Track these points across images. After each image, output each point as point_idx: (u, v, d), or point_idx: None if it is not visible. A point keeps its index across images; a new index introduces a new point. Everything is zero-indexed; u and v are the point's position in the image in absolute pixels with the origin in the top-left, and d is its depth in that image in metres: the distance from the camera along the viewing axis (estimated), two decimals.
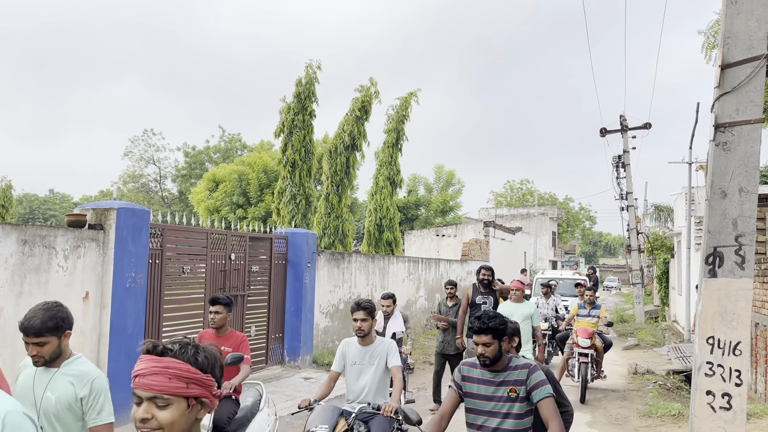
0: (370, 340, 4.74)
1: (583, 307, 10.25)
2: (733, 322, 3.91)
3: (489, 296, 8.25)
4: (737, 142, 3.91)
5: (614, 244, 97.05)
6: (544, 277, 19.83)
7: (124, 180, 54.02)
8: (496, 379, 3.60)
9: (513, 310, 7.67)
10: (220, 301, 5.24)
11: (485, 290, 8.29)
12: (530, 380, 3.51)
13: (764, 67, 3.91)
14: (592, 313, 10.10)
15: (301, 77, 16.72)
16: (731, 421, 3.91)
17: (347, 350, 4.78)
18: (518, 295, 7.87)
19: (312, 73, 16.72)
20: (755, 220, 3.94)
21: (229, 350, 5.09)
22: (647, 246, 27.42)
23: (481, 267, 8.35)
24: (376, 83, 17.89)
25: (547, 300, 12.38)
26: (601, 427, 8.10)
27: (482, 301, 8.15)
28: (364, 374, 4.67)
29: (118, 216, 7.03)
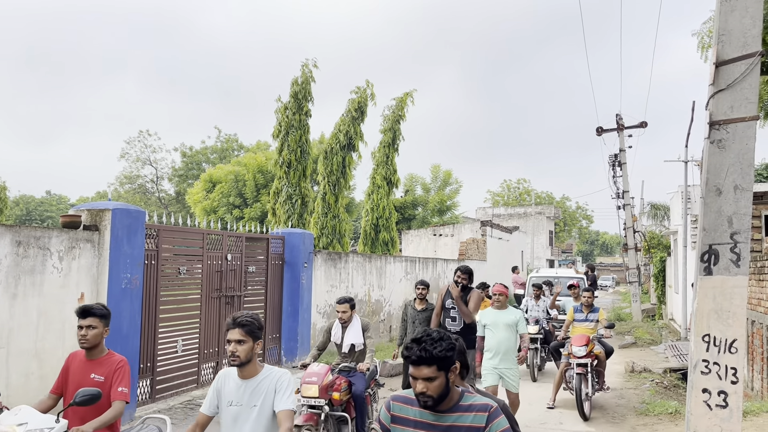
0: (252, 370, 3.34)
1: (580, 311, 9.32)
2: (729, 319, 3.91)
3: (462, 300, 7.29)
4: (732, 139, 3.91)
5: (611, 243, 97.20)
6: (539, 276, 17.88)
7: (120, 181, 53.97)
8: (441, 422, 2.66)
9: (495, 319, 6.96)
10: (93, 312, 3.88)
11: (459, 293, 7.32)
12: (490, 429, 2.63)
13: (758, 64, 3.91)
14: (590, 317, 9.16)
15: (297, 77, 16.68)
16: (727, 418, 3.90)
17: (223, 385, 3.42)
18: (502, 301, 7.03)
19: (308, 73, 16.69)
20: (750, 217, 3.94)
21: (101, 379, 3.83)
22: (644, 244, 27.45)
23: (457, 268, 7.38)
24: (372, 84, 17.92)
25: (537, 302, 11.66)
26: (599, 425, 8.10)
27: (452, 306, 7.25)
28: (242, 420, 3.31)
29: (113, 217, 7.01)
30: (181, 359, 8.39)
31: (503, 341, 6.89)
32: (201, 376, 8.77)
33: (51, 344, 6.35)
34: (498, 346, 6.88)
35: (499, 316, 6.98)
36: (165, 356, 8.09)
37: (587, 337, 8.65)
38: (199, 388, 8.74)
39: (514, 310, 7.12)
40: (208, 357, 8.97)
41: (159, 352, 7.97)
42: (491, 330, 6.97)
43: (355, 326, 6.47)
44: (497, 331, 6.91)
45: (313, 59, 16.87)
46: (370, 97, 17.91)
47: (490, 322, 6.96)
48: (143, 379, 7.62)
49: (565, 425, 8.02)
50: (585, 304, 9.29)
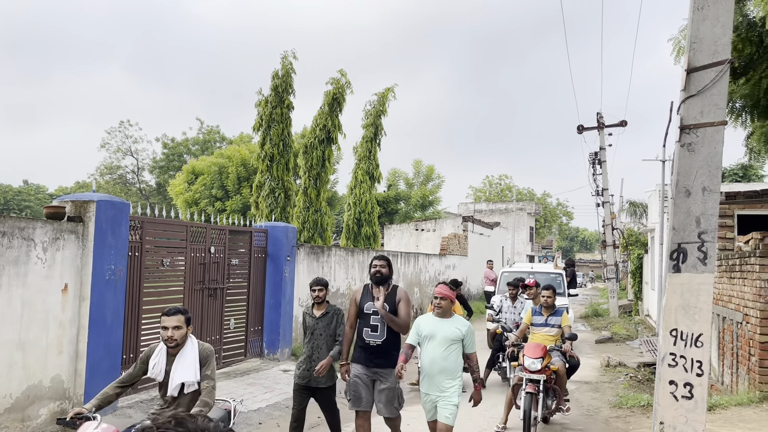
0: None
1: (539, 313, 7.75)
2: (695, 315, 4.09)
3: (385, 302, 5.70)
4: (701, 143, 4.09)
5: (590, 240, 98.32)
6: (513, 271, 15.52)
7: (101, 171, 53.44)
8: None
9: (434, 329, 5.33)
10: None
11: (380, 293, 5.73)
12: None
13: (728, 71, 4.09)
14: (550, 322, 7.63)
15: (278, 69, 16.60)
16: (692, 409, 4.10)
17: None
18: (444, 307, 5.41)
19: (288, 65, 16.59)
20: (717, 218, 4.12)
21: None
22: (622, 242, 27.91)
23: (374, 258, 5.83)
24: (346, 74, 17.82)
25: (513, 303, 9.85)
26: (573, 417, 8.32)
27: (373, 309, 5.68)
28: None
29: (97, 208, 7.04)
30: None
31: (437, 360, 5.25)
32: None
33: (35, 335, 6.39)
34: (431, 365, 5.27)
35: (439, 326, 5.34)
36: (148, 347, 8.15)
37: (543, 348, 7.11)
38: None
39: (460, 320, 5.47)
40: None
41: (142, 344, 8.02)
42: (426, 343, 5.35)
43: (187, 354, 4.42)
44: (432, 345, 5.28)
45: (292, 51, 16.80)
46: (346, 85, 17.83)
47: (426, 332, 5.35)
48: (126, 369, 7.66)
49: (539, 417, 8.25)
50: (545, 306, 7.72)
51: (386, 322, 5.63)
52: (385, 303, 5.65)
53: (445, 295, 5.43)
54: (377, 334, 5.67)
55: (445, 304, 5.42)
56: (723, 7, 4.08)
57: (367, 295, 5.82)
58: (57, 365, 6.66)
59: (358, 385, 5.68)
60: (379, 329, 5.67)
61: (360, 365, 5.72)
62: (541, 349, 7.06)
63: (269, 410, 8.16)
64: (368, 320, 5.71)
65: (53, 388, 6.60)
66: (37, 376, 6.43)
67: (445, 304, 5.42)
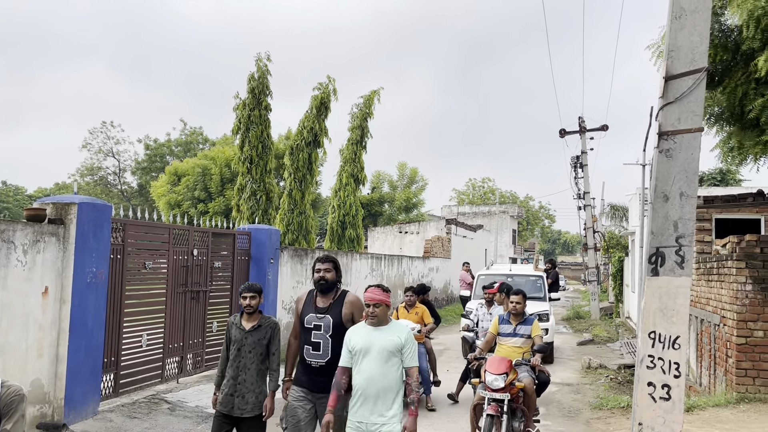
0: None
1: (507, 322, 6.90)
2: (673, 317, 4.18)
3: (329, 314, 4.80)
4: (679, 149, 4.18)
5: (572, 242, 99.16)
6: (490, 273, 14.27)
7: (81, 173, 52.85)
8: None
9: (369, 342, 4.39)
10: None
11: (325, 303, 4.87)
12: None
13: (704, 79, 4.18)
14: (519, 331, 6.78)
15: (254, 72, 16.67)
16: (670, 410, 4.18)
17: None
18: (379, 314, 4.44)
19: (263, 67, 16.69)
20: (694, 222, 4.21)
21: None
22: (603, 244, 28.20)
23: (316, 260, 4.99)
24: (334, 80, 18.02)
25: (489, 309, 8.78)
26: (555, 419, 8.41)
27: (315, 323, 4.80)
28: None
29: (79, 211, 6.99)
30: (146, 354, 8.40)
31: (375, 379, 4.32)
32: (165, 371, 8.78)
33: (14, 338, 6.32)
34: (366, 386, 4.33)
35: (375, 337, 4.40)
36: (129, 351, 8.09)
37: (508, 362, 6.26)
38: (163, 383, 8.76)
39: (398, 327, 4.54)
40: (173, 352, 8.98)
41: (123, 347, 7.97)
42: (360, 360, 4.40)
43: None
44: (368, 361, 4.37)
45: (266, 53, 16.97)
46: (332, 92, 18.00)
47: (359, 346, 4.41)
48: (107, 373, 7.62)
49: None
50: (513, 313, 6.85)
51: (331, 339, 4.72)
52: (328, 315, 4.77)
53: (378, 300, 4.43)
54: (319, 354, 4.73)
55: (380, 312, 4.44)
56: (700, 16, 4.17)
57: (310, 305, 4.88)
58: (37, 369, 6.60)
59: (297, 412, 4.76)
60: (322, 347, 4.73)
61: (301, 388, 4.81)
62: (505, 363, 6.19)
63: None
64: (309, 336, 4.78)
65: (33, 392, 6.53)
66: (17, 380, 6.34)
67: (380, 311, 4.44)
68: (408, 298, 9.24)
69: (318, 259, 4.97)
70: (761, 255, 7.73)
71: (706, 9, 4.21)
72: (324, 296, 4.86)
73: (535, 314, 12.13)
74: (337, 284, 4.93)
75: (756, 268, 7.73)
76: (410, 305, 9.24)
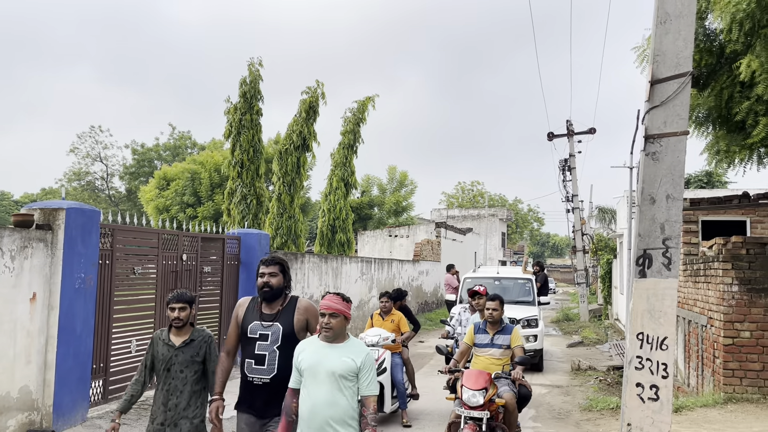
0: None
1: (483, 331, 6.23)
2: (661, 319, 4.22)
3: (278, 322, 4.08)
4: (665, 152, 4.23)
5: (561, 245, 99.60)
6: (477, 277, 13.55)
7: (69, 177, 52.47)
8: None
9: (317, 361, 3.67)
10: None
11: (272, 309, 4.15)
12: None
13: (689, 83, 4.24)
14: (497, 341, 6.12)
15: (246, 76, 16.69)
16: (658, 410, 4.22)
17: None
18: (336, 327, 3.70)
19: (255, 71, 16.72)
20: (681, 224, 4.26)
21: None
22: (592, 247, 28.38)
23: (260, 262, 4.23)
24: (322, 84, 18.06)
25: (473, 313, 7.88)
26: (545, 421, 8.45)
27: (261, 332, 4.08)
28: None
29: (67, 216, 6.95)
30: (136, 360, 8.35)
31: (320, 407, 3.60)
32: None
33: (2, 345, 6.27)
34: (309, 416, 3.62)
35: (325, 355, 3.67)
36: (118, 357, 8.05)
37: (487, 376, 5.69)
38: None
39: (356, 347, 3.73)
40: None
41: (112, 353, 7.93)
42: (306, 382, 3.70)
43: None
44: (314, 385, 3.66)
45: (258, 58, 16.96)
46: (321, 96, 18.02)
47: (306, 364, 3.70)
48: (96, 379, 7.57)
49: None
50: (490, 321, 6.20)
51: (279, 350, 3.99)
52: (277, 323, 4.05)
53: (335, 309, 3.67)
54: (263, 369, 3.99)
55: (336, 324, 3.66)
56: (684, 21, 4.23)
57: (254, 312, 4.15)
58: (25, 376, 6.55)
59: None
60: (267, 361, 3.98)
61: (245, 414, 4.09)
62: (483, 377, 5.62)
63: None
64: (252, 348, 4.02)
65: (21, 399, 6.48)
66: (5, 387, 6.31)
67: (337, 323, 3.66)
68: (383, 304, 8.55)
69: (262, 261, 4.17)
70: (747, 256, 7.81)
71: (691, 14, 4.27)
72: (270, 304, 4.14)
73: (523, 319, 11.70)
74: (285, 291, 4.17)
75: (742, 270, 7.82)
76: (386, 312, 8.54)
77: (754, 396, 7.71)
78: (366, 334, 7.94)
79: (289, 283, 4.24)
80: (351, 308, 3.86)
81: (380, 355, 7.56)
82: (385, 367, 7.55)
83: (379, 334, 7.83)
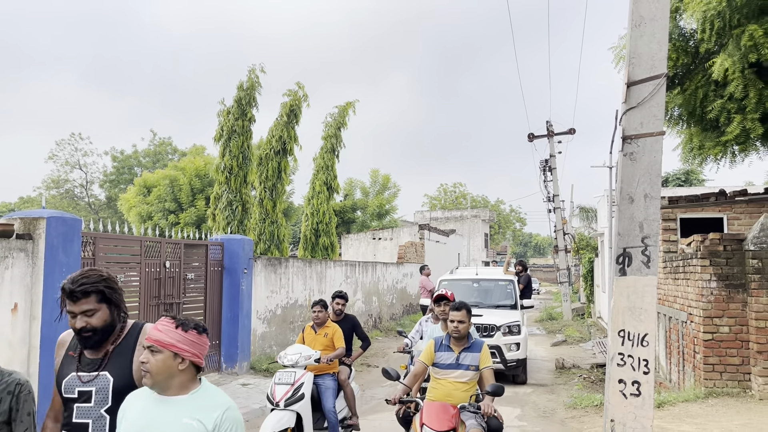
0: None
1: (446, 347, 5.01)
2: (641, 316, 4.30)
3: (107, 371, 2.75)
4: (642, 152, 4.32)
5: (543, 245, 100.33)
6: (454, 279, 12.73)
7: (47, 185, 51.77)
8: None
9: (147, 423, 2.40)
10: None
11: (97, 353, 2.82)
12: None
13: (664, 84, 4.33)
14: (463, 361, 4.93)
15: (243, 81, 16.55)
16: (640, 406, 4.29)
17: None
18: (158, 370, 2.39)
19: (254, 78, 16.58)
20: (659, 223, 4.35)
21: None
22: (573, 246, 28.64)
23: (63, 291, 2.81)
24: (304, 87, 17.96)
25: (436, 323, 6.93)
26: (530, 419, 8.53)
27: (80, 389, 2.73)
28: None
29: (48, 225, 6.89)
30: None
31: None
32: None
33: None
34: None
35: (157, 416, 2.42)
36: None
37: (453, 412, 4.67)
38: None
39: (209, 397, 2.46)
40: None
41: None
42: None
43: None
44: None
45: (260, 65, 16.82)
46: (303, 99, 17.95)
47: (137, 427, 2.42)
48: None
49: None
50: (454, 336, 4.97)
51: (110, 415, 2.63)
52: (105, 372, 2.72)
53: (158, 342, 2.42)
54: None
55: (156, 366, 2.39)
56: (659, 24, 4.33)
57: (71, 360, 2.83)
58: None
59: None
60: (91, 428, 2.70)
61: None
62: (449, 415, 4.60)
63: None
64: (71, 414, 2.74)
65: None
66: None
67: (157, 365, 2.39)
68: (316, 314, 6.92)
69: (67, 294, 2.73)
70: (724, 253, 7.96)
71: (665, 17, 4.37)
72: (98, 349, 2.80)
73: (504, 326, 10.79)
74: (117, 323, 2.84)
75: (720, 266, 7.96)
76: (319, 324, 6.93)
77: (734, 390, 7.86)
78: (285, 353, 6.50)
79: (120, 310, 2.85)
80: (205, 341, 2.51)
81: (298, 378, 6.16)
82: (303, 393, 6.08)
83: (300, 353, 6.42)
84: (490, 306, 11.81)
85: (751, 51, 8.54)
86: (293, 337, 13.48)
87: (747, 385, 7.85)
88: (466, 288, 12.23)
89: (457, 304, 5.08)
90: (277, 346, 12.77)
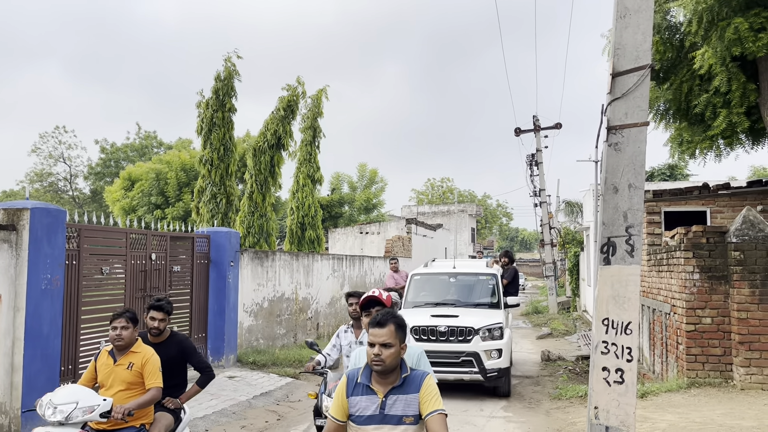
0: None
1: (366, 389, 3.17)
2: (625, 304, 4.36)
3: None
4: (626, 143, 4.37)
5: (530, 239, 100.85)
6: (428, 273, 11.36)
7: (30, 179, 51.22)
8: None
9: None
10: None
11: None
12: None
13: (649, 75, 4.37)
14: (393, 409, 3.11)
15: (220, 71, 16.21)
16: (624, 393, 4.35)
17: None
18: None
19: (231, 67, 16.22)
20: (643, 212, 4.40)
21: None
22: (559, 240, 28.84)
23: None
24: (303, 83, 17.78)
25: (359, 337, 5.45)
26: (516, 410, 8.61)
27: None
28: None
29: (32, 216, 6.83)
30: None
31: None
32: None
33: None
34: None
35: None
36: (87, 358, 7.92)
37: None
38: None
39: None
40: None
41: (81, 354, 7.81)
42: None
43: None
44: None
45: (235, 51, 16.45)
46: (301, 95, 17.77)
47: None
48: (64, 381, 7.45)
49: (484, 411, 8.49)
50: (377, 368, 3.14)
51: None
52: None
53: None
54: None
55: None
56: (643, 15, 4.37)
57: None
58: None
59: None
60: None
61: None
62: None
63: (216, 417, 8.09)
64: None
65: None
66: None
67: None
68: (117, 332, 4.65)
69: None
70: (707, 245, 8.06)
71: (649, 8, 4.41)
72: None
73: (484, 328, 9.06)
74: None
75: (703, 258, 8.06)
76: (121, 347, 4.68)
77: (716, 380, 7.97)
78: (54, 395, 4.23)
79: None
80: None
81: None
82: None
83: (76, 401, 4.15)
84: (469, 305, 10.18)
85: (735, 44, 8.61)
86: (280, 330, 13.47)
87: (729, 375, 7.97)
88: (441, 284, 10.83)
89: (380, 316, 3.21)
90: (264, 338, 12.76)
